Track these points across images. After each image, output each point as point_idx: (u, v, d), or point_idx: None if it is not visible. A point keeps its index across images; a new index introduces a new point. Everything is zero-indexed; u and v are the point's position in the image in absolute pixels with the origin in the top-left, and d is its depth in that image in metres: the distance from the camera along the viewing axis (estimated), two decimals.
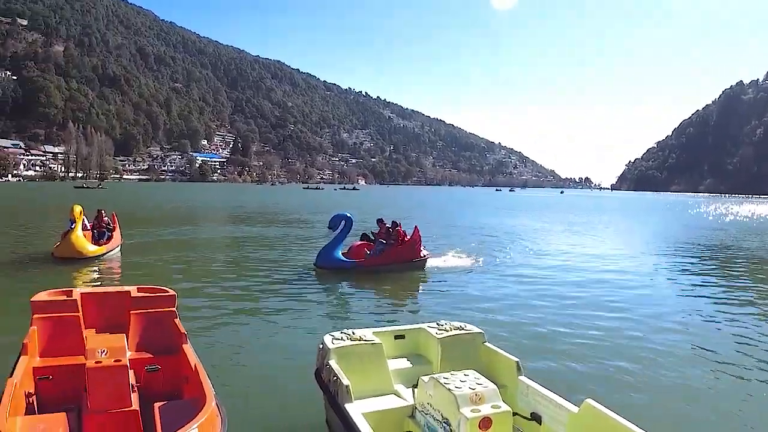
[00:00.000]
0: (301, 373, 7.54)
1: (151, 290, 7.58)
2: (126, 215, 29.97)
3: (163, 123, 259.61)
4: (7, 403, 4.73)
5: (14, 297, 12.87)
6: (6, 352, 7.60)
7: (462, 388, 4.63)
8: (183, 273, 16.51)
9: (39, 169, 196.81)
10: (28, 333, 6.33)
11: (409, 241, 17.52)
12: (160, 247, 22.96)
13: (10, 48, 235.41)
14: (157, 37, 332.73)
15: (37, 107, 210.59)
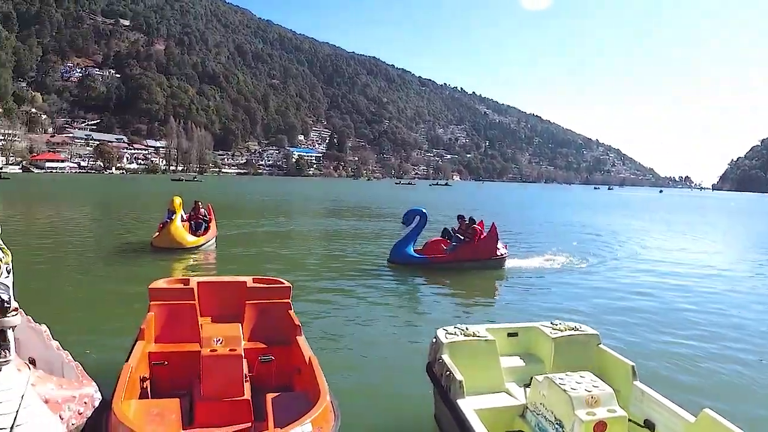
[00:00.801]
0: (406, 366, 7.83)
1: (266, 281, 7.75)
2: (221, 207, 30.17)
3: (261, 118, 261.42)
4: (123, 386, 4.97)
5: (116, 284, 13.63)
6: (113, 335, 8.88)
7: (578, 389, 4.63)
8: (276, 265, 16.51)
9: (141, 162, 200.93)
10: (145, 319, 6.61)
11: (485, 238, 17.15)
12: (255, 238, 23.72)
13: (113, 47, 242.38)
14: (254, 35, 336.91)
15: (140, 103, 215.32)
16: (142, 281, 10.68)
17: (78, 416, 4.59)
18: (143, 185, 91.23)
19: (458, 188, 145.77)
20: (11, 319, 4.14)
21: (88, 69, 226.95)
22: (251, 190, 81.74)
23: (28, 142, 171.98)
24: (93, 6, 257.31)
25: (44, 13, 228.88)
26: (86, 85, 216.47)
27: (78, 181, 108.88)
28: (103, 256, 17.86)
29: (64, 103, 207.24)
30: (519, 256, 19.58)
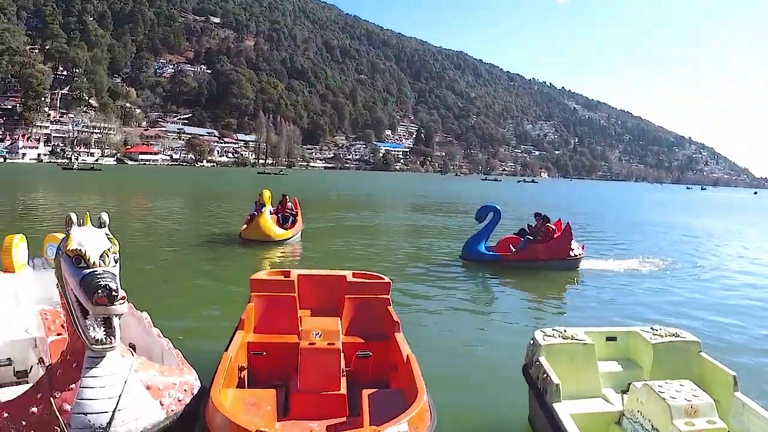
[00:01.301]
0: (498, 366, 7.92)
1: (366, 276, 7.77)
2: (306, 201, 30.05)
3: (349, 113, 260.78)
4: (221, 375, 5.13)
5: (208, 274, 14.24)
6: (208, 323, 9.49)
7: (677, 398, 4.59)
8: (361, 260, 16.61)
9: (231, 156, 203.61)
10: (245, 309, 6.80)
11: (558, 238, 16.59)
12: (339, 232, 24.05)
13: (204, 44, 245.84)
14: (342, 31, 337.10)
15: (230, 98, 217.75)
16: (233, 272, 13.47)
17: (177, 403, 4.73)
18: (231, 178, 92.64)
19: (545, 186, 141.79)
20: (119, 308, 4.22)
21: (180, 65, 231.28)
22: (337, 184, 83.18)
23: (122, 135, 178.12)
24: (184, 4, 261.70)
25: (137, 12, 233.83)
26: (178, 80, 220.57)
27: (170, 172, 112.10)
28: (195, 246, 18.46)
29: (157, 98, 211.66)
30: (603, 257, 19.12)
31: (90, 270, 4.27)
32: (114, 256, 4.47)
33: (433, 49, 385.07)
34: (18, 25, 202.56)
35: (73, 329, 4.42)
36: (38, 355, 6.24)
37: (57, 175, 77.04)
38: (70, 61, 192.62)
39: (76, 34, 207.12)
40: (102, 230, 4.59)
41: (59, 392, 4.23)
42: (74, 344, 4.42)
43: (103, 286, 4.14)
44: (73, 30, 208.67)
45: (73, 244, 4.33)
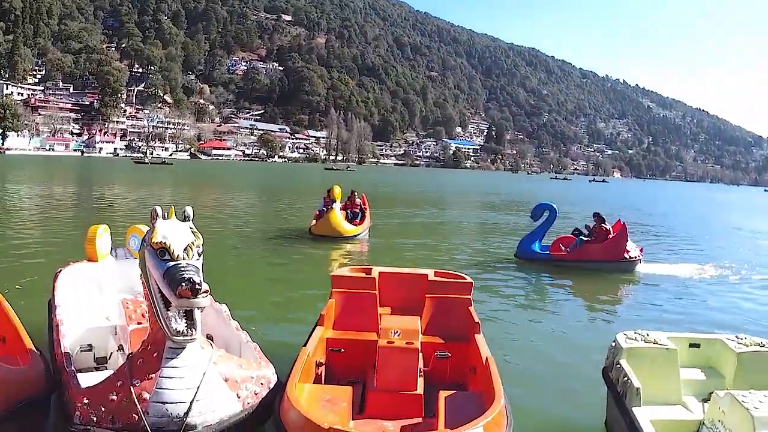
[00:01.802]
0: (572, 368, 7.82)
1: (448, 275, 7.68)
2: (373, 197, 29.02)
3: (420, 110, 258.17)
4: (298, 370, 5.16)
5: (281, 268, 14.68)
6: (281, 317, 9.63)
7: (761, 409, 4.41)
8: (428, 258, 16.53)
9: (302, 152, 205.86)
10: (325, 305, 6.84)
11: (612, 238, 15.95)
12: (406, 229, 24.36)
13: (276, 42, 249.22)
14: (412, 28, 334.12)
15: (302, 95, 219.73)
16: (304, 267, 14.82)
17: (254, 396, 4.81)
18: (299, 173, 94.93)
19: (616, 186, 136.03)
20: (201, 300, 4.28)
21: (252, 62, 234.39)
22: (405, 181, 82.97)
23: (196, 130, 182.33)
24: (256, 2, 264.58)
25: (210, 11, 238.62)
26: (251, 77, 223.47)
27: (241, 167, 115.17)
28: (266, 240, 18.96)
29: (230, 94, 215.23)
30: (669, 261, 18.52)
31: (174, 263, 4.35)
32: (198, 250, 4.54)
33: (504, 46, 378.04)
34: (95, 25, 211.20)
35: (154, 320, 4.53)
36: (118, 342, 6.38)
37: (130, 169, 79.44)
38: (145, 59, 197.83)
39: (151, 32, 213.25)
40: (186, 224, 4.70)
41: (139, 381, 4.36)
42: (155, 335, 4.55)
43: (186, 279, 4.20)
44: (148, 29, 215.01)
45: (157, 237, 4.43)
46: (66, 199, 32.63)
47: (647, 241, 20.37)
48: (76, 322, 6.41)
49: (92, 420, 4.34)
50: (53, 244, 16.53)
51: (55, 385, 5.10)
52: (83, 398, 4.46)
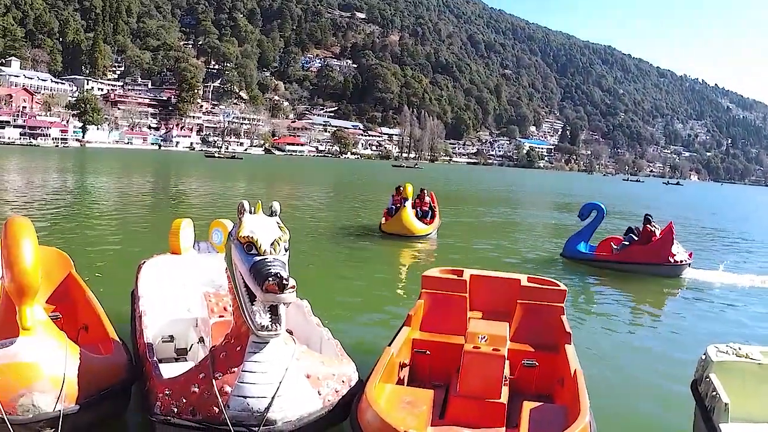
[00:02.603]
0: (661, 380, 7.53)
1: (540, 281, 7.44)
2: (442, 195, 28.05)
3: (493, 108, 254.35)
4: (380, 370, 5.11)
5: (357, 266, 14.64)
6: (358, 315, 9.51)
7: None
8: (499, 261, 15.94)
9: (375, 149, 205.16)
10: (414, 306, 6.75)
11: (656, 241, 15.26)
12: (475, 228, 24.02)
13: (350, 39, 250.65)
14: (486, 25, 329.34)
15: (375, 92, 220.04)
16: (376, 265, 14.79)
17: (335, 394, 4.77)
18: (368, 170, 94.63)
19: (691, 189, 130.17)
20: (288, 296, 4.24)
21: (326, 60, 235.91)
22: (475, 179, 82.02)
23: (270, 126, 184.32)
24: (330, 0, 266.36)
25: (285, 9, 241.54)
26: (325, 74, 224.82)
27: (312, 163, 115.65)
28: (336, 236, 18.77)
29: (304, 91, 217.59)
30: (726, 268, 16.26)
31: (261, 257, 4.33)
32: (284, 245, 4.49)
33: (579, 43, 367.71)
34: (173, 23, 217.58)
35: (239, 314, 4.51)
36: (199, 334, 6.43)
37: (201, 163, 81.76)
38: (222, 56, 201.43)
39: (227, 30, 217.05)
40: (273, 218, 4.68)
41: (221, 374, 4.38)
42: (239, 329, 4.53)
43: (273, 274, 4.17)
44: (224, 26, 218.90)
45: (244, 231, 4.42)
46: (143, 191, 33.64)
47: (713, 246, 19.82)
48: (159, 313, 6.40)
49: (173, 411, 4.40)
50: (131, 234, 16.89)
51: (136, 374, 5.18)
52: (165, 389, 4.51)
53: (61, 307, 6.60)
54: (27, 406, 4.19)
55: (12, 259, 4.38)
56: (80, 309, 6.61)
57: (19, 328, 4.38)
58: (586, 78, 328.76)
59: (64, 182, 35.71)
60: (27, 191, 28.46)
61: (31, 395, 4.22)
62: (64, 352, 4.51)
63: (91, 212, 21.84)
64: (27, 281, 4.36)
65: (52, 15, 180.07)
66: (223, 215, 7.58)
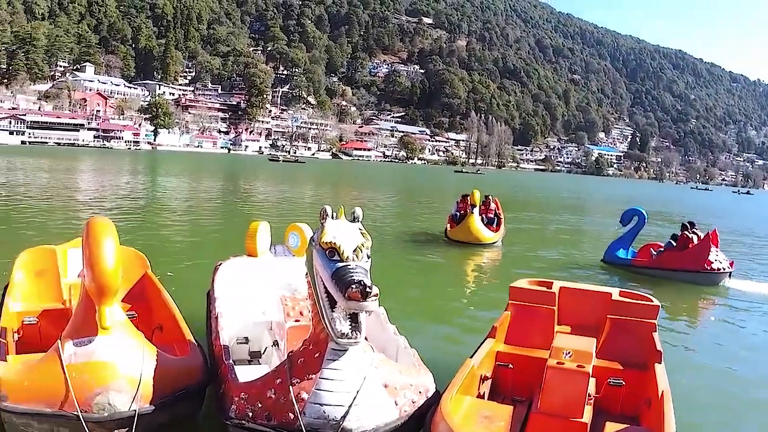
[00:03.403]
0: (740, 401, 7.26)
1: (633, 296, 7.11)
2: (506, 202, 26.01)
3: (561, 114, 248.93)
4: (458, 381, 4.95)
5: (415, 273, 14.21)
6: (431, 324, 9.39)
7: None
8: (566, 270, 15.23)
9: (442, 154, 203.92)
10: (500, 317, 6.59)
11: (693, 248, 14.89)
12: (539, 236, 23.64)
13: (417, 45, 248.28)
14: (554, 30, 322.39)
15: (442, 98, 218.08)
16: (442, 273, 14.43)
17: (411, 405, 4.63)
18: (431, 175, 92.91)
19: (762, 198, 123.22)
20: (370, 304, 4.14)
21: (393, 65, 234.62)
22: (540, 186, 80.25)
23: (338, 131, 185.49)
24: (397, 6, 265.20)
25: (353, 15, 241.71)
26: (392, 80, 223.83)
27: (377, 168, 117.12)
28: (402, 242, 18.47)
29: (371, 96, 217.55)
30: None
31: (343, 264, 4.25)
32: (367, 252, 4.42)
33: (649, 48, 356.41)
34: (242, 29, 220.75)
35: (318, 320, 4.46)
36: (273, 338, 6.41)
37: (265, 166, 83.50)
38: (290, 62, 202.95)
39: (295, 36, 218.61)
40: (356, 224, 4.58)
41: (298, 380, 4.33)
42: (318, 335, 4.46)
43: (357, 281, 4.09)
44: (293, 32, 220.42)
45: (327, 237, 4.34)
46: (214, 193, 34.52)
47: None
48: (234, 315, 6.38)
49: (248, 415, 4.38)
50: (201, 236, 17.24)
51: (211, 376, 5.14)
52: (241, 392, 4.52)
53: (136, 306, 6.71)
54: (102, 405, 4.24)
55: (93, 260, 4.40)
56: (155, 309, 6.73)
57: (98, 327, 4.42)
58: (657, 83, 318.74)
59: (139, 184, 36.58)
60: (103, 192, 29.22)
61: (107, 394, 4.27)
62: (142, 352, 4.59)
63: (165, 213, 22.19)
64: (108, 282, 4.40)
65: (125, 22, 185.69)
66: (295, 219, 7.63)
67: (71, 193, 28.17)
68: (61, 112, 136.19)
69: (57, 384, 4.26)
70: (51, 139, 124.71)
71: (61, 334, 4.60)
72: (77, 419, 4.15)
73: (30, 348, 5.79)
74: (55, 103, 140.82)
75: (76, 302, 5.05)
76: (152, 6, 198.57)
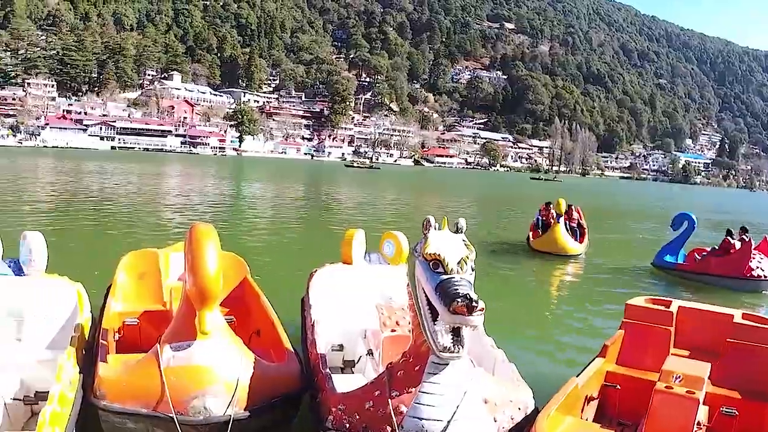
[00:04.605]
0: None
1: (757, 319, 6.61)
2: (587, 211, 23.65)
3: (647, 120, 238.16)
4: (558, 400, 4.76)
5: (502, 284, 13.60)
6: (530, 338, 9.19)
7: None
8: (662, 286, 14.35)
9: (525, 161, 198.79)
10: (613, 336, 6.35)
11: (735, 253, 14.61)
12: (621, 247, 22.42)
13: (500, 50, 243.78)
14: (639, 33, 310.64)
15: (525, 104, 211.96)
16: (531, 285, 14.26)
17: (510, 421, 4.46)
18: (509, 182, 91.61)
19: None
20: (476, 318, 3.96)
21: (476, 71, 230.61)
22: (623, 194, 77.62)
23: (420, 138, 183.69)
24: (478, 12, 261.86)
25: (434, 21, 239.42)
26: (474, 86, 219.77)
27: (459, 175, 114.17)
28: (486, 252, 17.27)
29: (453, 103, 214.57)
30: None
31: (447, 276, 4.12)
32: (471, 264, 4.26)
33: (738, 50, 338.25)
34: (325, 37, 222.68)
35: (419, 332, 4.34)
36: (367, 347, 6.25)
37: (342, 172, 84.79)
38: (372, 69, 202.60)
39: (377, 43, 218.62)
40: (459, 236, 4.43)
41: (397, 393, 4.23)
42: (418, 347, 4.34)
43: (462, 294, 3.93)
44: (375, 40, 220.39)
45: (431, 248, 4.23)
46: (300, 199, 34.96)
47: None
48: (329, 322, 6.37)
49: (345, 426, 4.33)
50: (291, 241, 17.23)
51: (308, 384, 5.09)
52: (338, 403, 4.47)
53: (235, 310, 6.72)
54: (198, 408, 4.28)
55: (195, 265, 4.43)
56: (254, 313, 6.75)
57: (197, 332, 4.47)
58: (746, 87, 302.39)
59: (229, 189, 37.87)
60: (196, 196, 30.26)
61: (204, 398, 4.31)
62: (239, 357, 4.62)
63: (256, 217, 22.63)
64: (209, 287, 4.43)
65: (210, 32, 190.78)
66: (384, 226, 7.91)
67: (167, 197, 29.35)
68: (150, 119, 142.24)
69: (154, 386, 4.32)
70: (139, 144, 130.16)
71: (161, 337, 4.64)
72: (172, 421, 4.20)
73: (130, 348, 5.75)
74: (144, 110, 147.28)
75: (177, 305, 5.14)
76: (237, 16, 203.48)
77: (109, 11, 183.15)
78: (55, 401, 4.15)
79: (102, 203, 24.27)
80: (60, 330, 5.65)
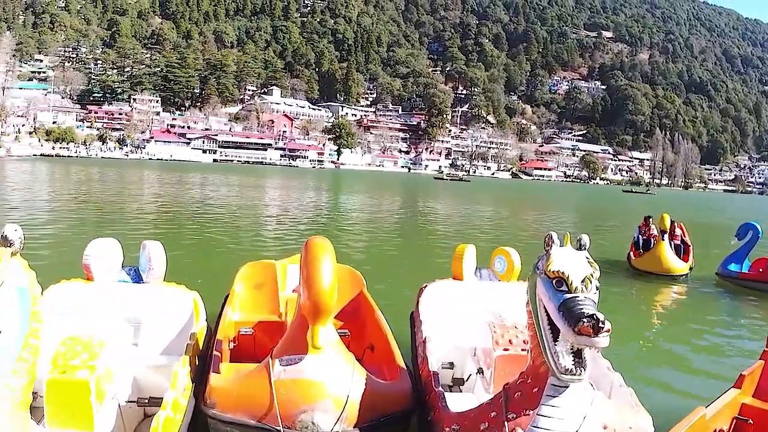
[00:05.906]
0: None
1: None
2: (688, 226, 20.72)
3: (753, 130, 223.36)
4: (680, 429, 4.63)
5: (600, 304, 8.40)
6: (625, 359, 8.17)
7: None
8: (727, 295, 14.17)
9: (625, 174, 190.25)
10: (752, 366, 5.98)
11: None
12: None
13: (598, 60, 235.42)
14: (742, 38, 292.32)
15: (625, 114, 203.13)
16: (633, 306, 12.97)
17: None
18: (602, 195, 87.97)
19: None
20: (602, 340, 3.69)
21: (573, 81, 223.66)
22: (724, 208, 71.61)
23: (518, 150, 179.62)
24: (575, 21, 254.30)
25: (530, 32, 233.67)
26: (572, 97, 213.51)
27: (557, 188, 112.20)
28: None
29: (551, 114, 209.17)
30: None
31: (571, 295, 3.88)
32: (595, 283, 4.00)
33: None
34: (421, 50, 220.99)
35: (538, 352, 4.12)
36: (477, 364, 5.96)
37: (432, 184, 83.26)
38: (469, 81, 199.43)
39: (473, 55, 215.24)
40: (582, 252, 4.20)
41: (514, 415, 4.03)
42: (537, 368, 4.12)
43: (588, 315, 3.68)
44: (471, 52, 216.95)
45: (554, 266, 4.01)
46: (401, 212, 34.76)
47: None
48: (440, 339, 6.16)
49: None
50: (396, 255, 16.93)
51: (419, 403, 4.93)
52: (453, 423, 4.28)
53: (349, 324, 6.63)
54: (306, 423, 4.24)
55: (310, 280, 4.36)
56: (368, 328, 6.63)
57: (309, 346, 4.39)
58: None
59: (334, 201, 38.41)
60: (300, 208, 30.14)
61: (313, 413, 4.26)
62: (351, 373, 4.50)
63: (361, 230, 22.38)
64: (323, 302, 4.35)
65: (308, 47, 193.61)
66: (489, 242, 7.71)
67: (273, 209, 30.12)
68: (250, 133, 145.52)
69: (263, 397, 4.31)
70: (240, 157, 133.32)
71: (273, 349, 4.60)
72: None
73: (244, 357, 5.82)
74: (245, 125, 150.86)
75: (291, 318, 5.18)
76: (334, 31, 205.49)
77: (210, 29, 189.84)
78: (169, 407, 4.21)
79: (211, 213, 24.62)
80: (176, 337, 5.63)
